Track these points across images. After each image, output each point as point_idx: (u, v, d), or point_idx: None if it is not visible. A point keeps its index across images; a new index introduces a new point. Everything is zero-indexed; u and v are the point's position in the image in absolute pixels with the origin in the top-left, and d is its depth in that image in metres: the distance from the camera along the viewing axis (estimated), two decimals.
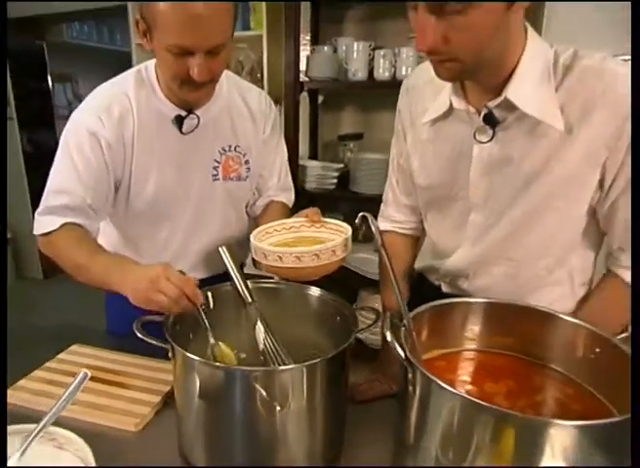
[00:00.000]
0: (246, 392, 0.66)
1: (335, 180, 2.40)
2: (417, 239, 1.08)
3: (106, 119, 0.98)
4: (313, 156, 2.67)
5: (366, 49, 2.17)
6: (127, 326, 0.83)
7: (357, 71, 2.18)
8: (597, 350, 0.70)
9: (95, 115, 0.98)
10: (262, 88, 2.49)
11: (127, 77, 1.03)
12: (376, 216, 2.61)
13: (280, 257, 0.85)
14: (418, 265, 1.08)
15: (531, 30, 0.77)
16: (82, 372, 0.69)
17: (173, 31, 0.84)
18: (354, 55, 2.18)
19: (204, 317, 0.82)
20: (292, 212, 1.19)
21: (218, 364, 0.69)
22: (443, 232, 0.98)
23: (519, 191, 0.82)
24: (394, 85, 2.17)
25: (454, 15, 0.65)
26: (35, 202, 1.04)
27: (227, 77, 1.09)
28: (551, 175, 0.79)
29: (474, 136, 0.82)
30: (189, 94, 0.95)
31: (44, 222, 0.99)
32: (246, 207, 1.23)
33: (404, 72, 2.11)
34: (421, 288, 1.06)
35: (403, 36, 2.18)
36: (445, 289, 1.00)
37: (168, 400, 0.89)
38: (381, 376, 0.97)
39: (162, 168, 1.04)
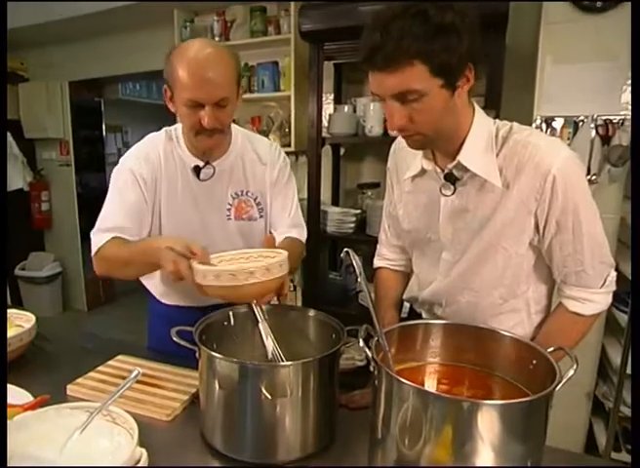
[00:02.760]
0: (255, 382, 0.87)
1: (353, 225, 2.62)
2: (407, 275, 1.28)
3: (144, 162, 1.24)
4: (335, 202, 2.91)
5: (381, 108, 2.43)
6: (166, 342, 1.02)
7: (373, 128, 2.44)
8: (534, 362, 0.87)
9: (136, 159, 1.25)
10: (290, 141, 2.79)
11: (160, 134, 1.30)
12: None
13: (217, 276, 0.90)
14: (405, 296, 1.27)
15: (478, 109, 1.00)
16: (136, 370, 0.91)
17: (187, 88, 1.09)
18: (371, 113, 2.44)
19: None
20: (315, 252, 1.38)
21: (234, 359, 0.89)
22: (423, 268, 1.18)
23: (475, 234, 1.02)
24: None
25: (413, 102, 0.88)
26: (84, 239, 1.32)
27: (242, 133, 1.35)
28: (497, 221, 0.99)
29: (440, 191, 1.04)
30: (203, 141, 1.18)
31: (95, 241, 1.21)
32: None
33: None
34: (410, 315, 1.25)
35: None
36: (424, 315, 1.19)
37: (194, 399, 1.09)
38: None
39: (184, 208, 1.28)
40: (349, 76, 2.80)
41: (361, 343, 0.83)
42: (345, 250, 0.94)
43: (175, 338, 0.96)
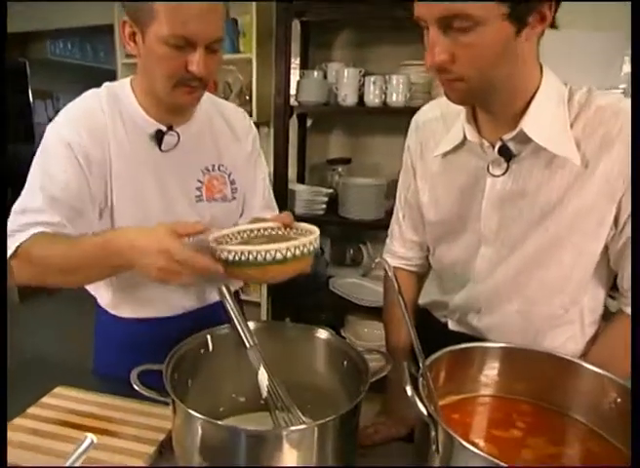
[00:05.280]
0: (251, 452, 0.61)
1: (324, 205, 2.38)
2: (422, 276, 1.06)
3: (85, 133, 0.91)
4: (300, 180, 2.65)
5: (356, 75, 2.18)
6: (117, 368, 0.81)
7: (347, 97, 2.19)
8: (618, 400, 0.68)
9: (73, 128, 0.91)
10: (251, 111, 2.47)
11: (98, 92, 0.97)
12: (366, 243, 2.58)
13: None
14: (422, 301, 1.05)
15: (546, 67, 0.78)
16: (87, 439, 0.61)
17: (176, 21, 0.81)
18: (344, 80, 2.19)
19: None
20: None
21: (220, 423, 0.64)
22: (450, 266, 0.96)
23: (533, 225, 0.81)
24: (384, 111, 2.22)
25: (461, 32, 0.66)
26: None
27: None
28: (568, 209, 0.78)
29: (487, 170, 0.82)
30: (181, 97, 0.90)
31: (11, 242, 0.86)
32: None
33: (394, 98, 2.12)
34: (427, 325, 1.03)
35: (394, 63, 2.20)
36: (452, 326, 0.97)
37: (162, 449, 0.83)
38: (387, 420, 0.94)
39: (143, 189, 0.98)
40: (318, 38, 2.49)
41: (409, 392, 0.60)
42: (378, 260, 0.71)
43: (138, 388, 0.69)
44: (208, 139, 1.05)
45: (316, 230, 0.88)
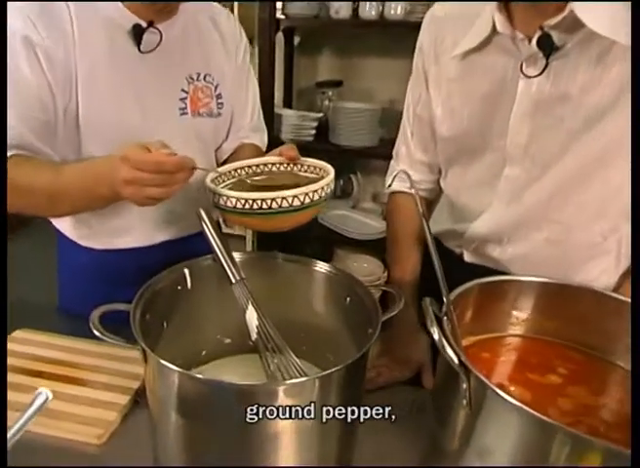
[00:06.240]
0: (238, 410, 0.49)
1: (313, 131, 2.21)
2: (432, 202, 0.94)
3: (39, 21, 0.73)
4: (287, 104, 2.44)
5: None
6: (84, 303, 0.67)
7: (340, 8, 1.97)
8: None
9: (23, 15, 0.72)
10: None
11: None
12: (356, 173, 2.43)
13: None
14: (433, 230, 0.92)
15: None
16: (42, 393, 0.49)
17: None
18: None
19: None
20: None
21: (200, 376, 0.52)
22: (465, 190, 0.83)
23: (576, 136, 0.68)
24: (382, 25, 2.00)
25: None
26: None
27: None
28: (623, 114, 0.64)
29: (520, 69, 0.67)
30: None
31: None
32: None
33: (392, 11, 1.91)
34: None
35: None
36: (469, 257, 0.86)
37: (138, 398, 0.73)
38: (390, 362, 0.84)
39: (117, 97, 0.83)
40: None
41: (435, 336, 0.49)
42: (396, 172, 0.57)
43: (97, 332, 0.56)
44: (194, 42, 0.90)
45: (330, 168, 0.74)
